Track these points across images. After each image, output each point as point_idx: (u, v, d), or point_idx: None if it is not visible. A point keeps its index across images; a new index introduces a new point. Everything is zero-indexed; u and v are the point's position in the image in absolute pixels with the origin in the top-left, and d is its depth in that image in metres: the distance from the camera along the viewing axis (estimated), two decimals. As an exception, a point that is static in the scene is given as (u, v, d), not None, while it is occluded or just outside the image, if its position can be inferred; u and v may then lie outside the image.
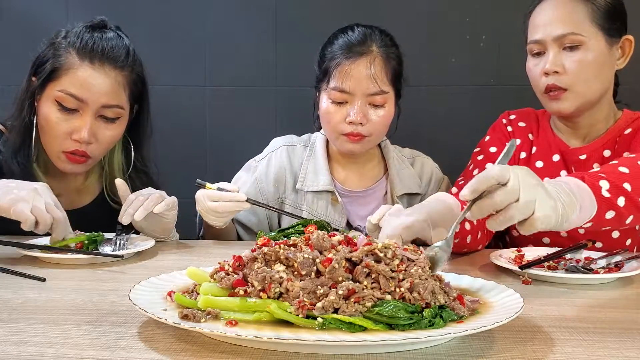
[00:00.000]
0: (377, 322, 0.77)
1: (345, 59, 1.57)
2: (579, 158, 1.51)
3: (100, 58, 1.46)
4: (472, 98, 2.14)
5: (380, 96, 1.58)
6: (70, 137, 1.47)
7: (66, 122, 1.46)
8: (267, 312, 0.79)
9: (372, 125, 1.60)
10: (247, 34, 2.19)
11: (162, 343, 0.78)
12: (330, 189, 1.68)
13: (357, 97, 1.57)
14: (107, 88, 1.47)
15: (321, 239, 0.88)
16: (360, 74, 1.56)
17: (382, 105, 1.60)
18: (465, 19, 2.12)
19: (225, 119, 2.23)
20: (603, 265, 1.22)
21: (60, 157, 1.50)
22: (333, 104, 1.60)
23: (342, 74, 1.57)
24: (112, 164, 1.63)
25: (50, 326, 0.85)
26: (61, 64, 1.46)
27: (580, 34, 1.41)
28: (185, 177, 2.18)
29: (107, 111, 1.48)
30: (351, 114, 1.58)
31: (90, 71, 1.45)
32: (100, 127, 1.49)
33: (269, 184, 1.72)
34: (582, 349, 0.78)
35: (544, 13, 1.46)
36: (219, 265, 0.88)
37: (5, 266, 1.19)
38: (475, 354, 0.76)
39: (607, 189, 1.08)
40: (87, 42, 1.47)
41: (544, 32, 1.44)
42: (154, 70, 2.20)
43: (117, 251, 1.33)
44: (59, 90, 1.45)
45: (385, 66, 1.58)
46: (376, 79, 1.56)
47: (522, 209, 0.92)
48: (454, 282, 0.95)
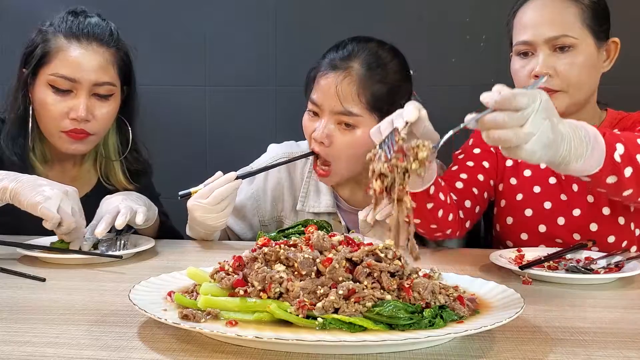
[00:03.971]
0: (377, 322, 0.77)
1: (322, 70, 1.48)
2: None
3: (87, 38, 1.51)
4: (472, 98, 2.13)
5: (347, 117, 1.44)
6: (68, 117, 1.50)
7: (62, 103, 1.50)
8: (267, 312, 0.79)
9: (334, 149, 1.47)
10: (247, 34, 2.19)
11: (162, 343, 0.78)
12: (332, 211, 1.59)
13: (325, 113, 1.47)
14: (97, 65, 1.51)
15: (321, 239, 0.88)
16: (329, 88, 1.45)
17: (354, 127, 1.45)
18: (465, 19, 2.11)
19: (225, 119, 2.22)
20: (603, 265, 1.22)
21: (61, 136, 1.52)
22: (308, 114, 1.53)
23: (315, 85, 1.50)
24: (108, 146, 1.66)
25: (50, 326, 0.85)
26: (50, 47, 1.50)
27: (572, 36, 1.39)
28: (185, 177, 2.19)
29: (100, 89, 1.52)
30: (317, 129, 1.48)
31: (79, 51, 1.50)
32: (95, 105, 1.52)
33: (266, 201, 1.65)
34: (582, 349, 0.78)
35: (532, 13, 1.42)
36: (219, 265, 0.88)
37: (5, 266, 1.19)
38: (475, 354, 0.76)
39: (621, 154, 1.07)
40: (73, 25, 1.52)
41: (534, 34, 1.40)
42: (154, 70, 2.21)
43: (117, 251, 1.33)
44: (51, 74, 1.49)
45: (359, 87, 1.43)
46: (340, 98, 1.43)
47: (520, 137, 0.89)
48: (454, 282, 0.95)
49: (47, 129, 1.54)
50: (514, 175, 1.57)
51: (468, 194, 1.50)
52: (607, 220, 1.45)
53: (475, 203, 1.51)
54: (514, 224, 1.54)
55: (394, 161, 0.91)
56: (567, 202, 1.49)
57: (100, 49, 1.52)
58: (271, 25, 2.18)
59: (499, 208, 1.58)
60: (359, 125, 1.45)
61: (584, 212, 1.48)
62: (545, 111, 0.91)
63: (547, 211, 1.51)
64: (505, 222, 1.56)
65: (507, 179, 1.58)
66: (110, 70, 1.54)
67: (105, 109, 1.54)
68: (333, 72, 1.46)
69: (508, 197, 1.56)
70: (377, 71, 1.46)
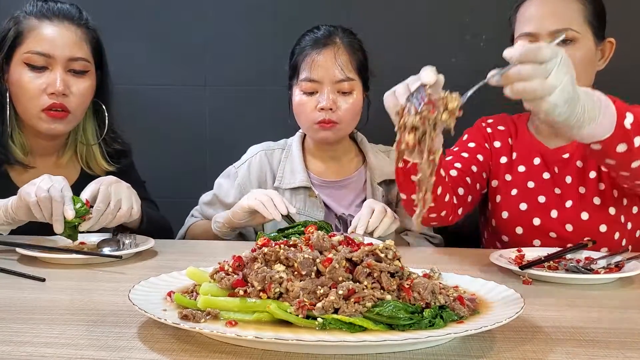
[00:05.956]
0: (377, 323, 0.77)
1: (312, 50, 1.68)
2: (562, 157, 1.56)
3: (58, 16, 1.56)
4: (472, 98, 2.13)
5: (347, 83, 1.67)
6: (46, 93, 1.53)
7: (38, 80, 1.53)
8: (267, 313, 0.79)
9: (342, 112, 1.68)
10: (247, 34, 2.19)
11: (162, 343, 0.78)
12: (306, 185, 1.74)
13: (325, 84, 1.67)
14: (70, 41, 1.55)
15: (321, 239, 0.88)
16: (327, 62, 1.66)
17: (350, 92, 1.68)
18: (465, 19, 2.11)
19: (225, 119, 2.23)
20: (603, 265, 1.22)
21: (40, 116, 1.54)
22: (304, 95, 1.69)
23: (309, 64, 1.67)
24: (86, 131, 1.68)
25: (50, 326, 0.85)
26: (23, 28, 1.54)
27: (575, 30, 1.42)
28: (184, 177, 2.19)
29: (75, 64, 1.56)
30: (321, 101, 1.67)
31: (51, 27, 1.54)
32: (71, 80, 1.56)
33: (252, 186, 1.77)
34: (582, 349, 0.78)
35: (537, 7, 1.46)
36: (218, 266, 0.88)
37: (5, 266, 1.19)
38: (475, 354, 0.76)
39: (631, 122, 1.08)
40: (43, 7, 1.57)
41: (537, 25, 1.43)
42: (154, 70, 2.21)
43: (116, 251, 1.33)
44: (26, 53, 1.53)
45: (349, 56, 1.68)
46: (342, 67, 1.66)
47: (545, 88, 0.92)
48: (454, 282, 0.95)
49: (26, 110, 1.56)
50: (508, 172, 1.61)
51: (462, 182, 1.54)
52: (597, 209, 1.50)
53: (467, 192, 1.55)
54: (509, 218, 1.57)
55: (425, 113, 0.92)
56: (561, 196, 1.54)
57: (72, 26, 1.57)
58: (271, 25, 2.18)
59: (494, 204, 1.61)
60: (353, 89, 1.69)
61: (575, 203, 1.52)
62: (565, 66, 0.94)
63: (542, 205, 1.54)
64: (500, 216, 1.59)
65: (502, 176, 1.62)
66: (84, 46, 1.58)
67: (81, 84, 1.57)
68: (324, 48, 1.67)
69: (503, 192, 1.60)
70: (355, 41, 1.73)
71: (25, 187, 1.32)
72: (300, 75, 1.69)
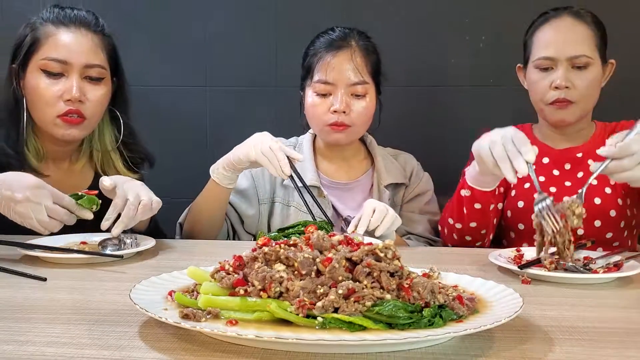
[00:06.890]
0: (377, 322, 0.77)
1: (327, 52, 1.68)
2: (575, 156, 1.67)
3: (75, 23, 1.56)
4: (472, 98, 2.14)
5: (361, 86, 1.67)
6: (62, 99, 1.53)
7: (55, 86, 1.53)
8: (267, 312, 0.79)
9: (355, 115, 1.68)
10: (247, 34, 2.19)
11: (163, 342, 0.79)
12: (316, 184, 1.73)
13: (340, 87, 1.66)
14: (86, 47, 1.55)
15: (321, 239, 0.89)
16: (342, 65, 1.66)
17: (364, 95, 1.68)
18: (465, 19, 2.12)
19: (225, 119, 2.23)
20: (602, 265, 1.22)
21: (56, 122, 1.54)
22: (317, 97, 1.69)
23: (324, 66, 1.67)
24: (104, 138, 1.68)
25: (51, 326, 0.86)
26: (40, 35, 1.54)
27: (589, 56, 1.58)
28: (184, 177, 2.19)
29: (91, 71, 1.55)
30: (335, 103, 1.66)
31: (67, 34, 1.54)
32: (88, 87, 1.55)
33: (265, 180, 1.77)
34: (582, 348, 0.78)
35: (555, 33, 1.60)
36: (219, 265, 0.88)
37: (6, 266, 1.19)
38: (474, 354, 0.76)
39: None
40: (59, 13, 1.57)
41: (556, 51, 1.58)
42: (154, 70, 2.22)
43: (118, 251, 1.33)
44: (42, 59, 1.53)
45: (364, 58, 1.69)
46: (357, 70, 1.66)
47: None
48: (453, 282, 0.95)
49: (42, 116, 1.55)
50: None
51: None
52: (608, 197, 1.59)
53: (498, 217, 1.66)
54: (524, 207, 1.65)
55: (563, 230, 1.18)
56: (572, 187, 1.63)
57: (89, 33, 1.56)
58: (271, 25, 2.18)
59: (510, 197, 1.70)
60: (367, 93, 1.69)
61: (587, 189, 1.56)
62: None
63: (553, 193, 1.63)
64: (516, 205, 1.67)
65: None
66: (100, 53, 1.57)
67: (97, 91, 1.57)
68: (340, 50, 1.67)
69: (517, 187, 1.68)
70: (370, 45, 1.73)
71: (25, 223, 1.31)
72: (314, 76, 1.69)
